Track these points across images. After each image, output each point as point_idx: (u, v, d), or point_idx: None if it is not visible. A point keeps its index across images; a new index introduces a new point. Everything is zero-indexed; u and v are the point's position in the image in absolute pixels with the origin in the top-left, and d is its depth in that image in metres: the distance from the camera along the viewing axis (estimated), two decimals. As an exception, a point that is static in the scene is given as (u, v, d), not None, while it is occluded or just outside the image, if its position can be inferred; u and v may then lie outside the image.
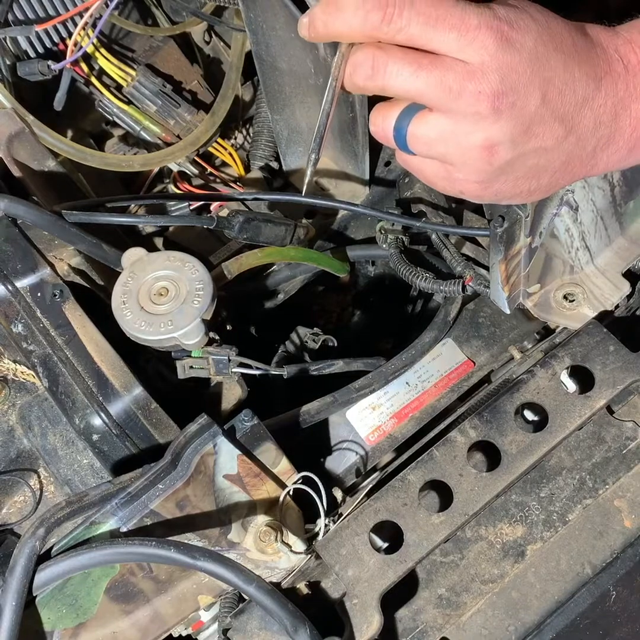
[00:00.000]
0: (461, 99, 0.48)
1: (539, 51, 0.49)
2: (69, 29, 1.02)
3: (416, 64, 0.48)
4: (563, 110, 0.50)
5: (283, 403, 0.80)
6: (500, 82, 0.48)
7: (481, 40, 0.47)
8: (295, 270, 0.89)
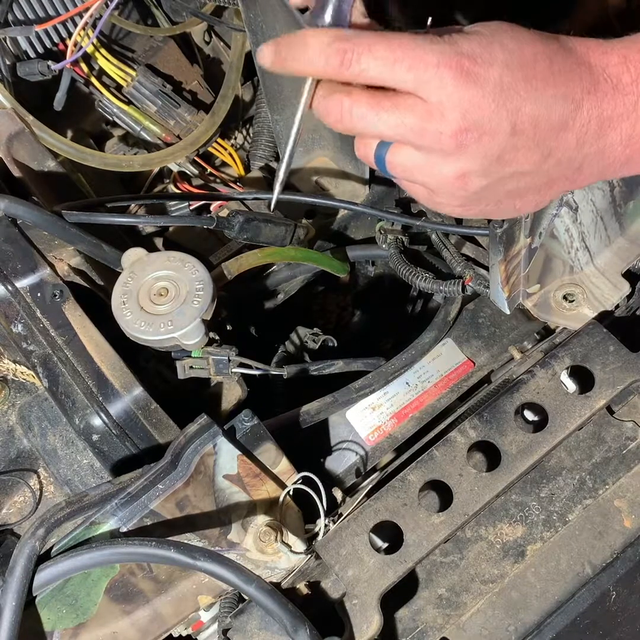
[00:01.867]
0: (424, 138, 0.49)
1: (504, 82, 0.48)
2: (69, 29, 1.02)
3: (378, 106, 0.49)
4: (538, 137, 0.50)
5: (283, 403, 0.80)
6: (462, 119, 0.48)
7: (439, 78, 0.47)
8: (295, 270, 0.89)
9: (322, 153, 1.03)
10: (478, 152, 0.49)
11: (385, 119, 0.49)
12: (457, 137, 0.48)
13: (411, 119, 0.49)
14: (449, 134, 0.48)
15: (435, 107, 0.48)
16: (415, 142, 0.50)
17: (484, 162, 0.50)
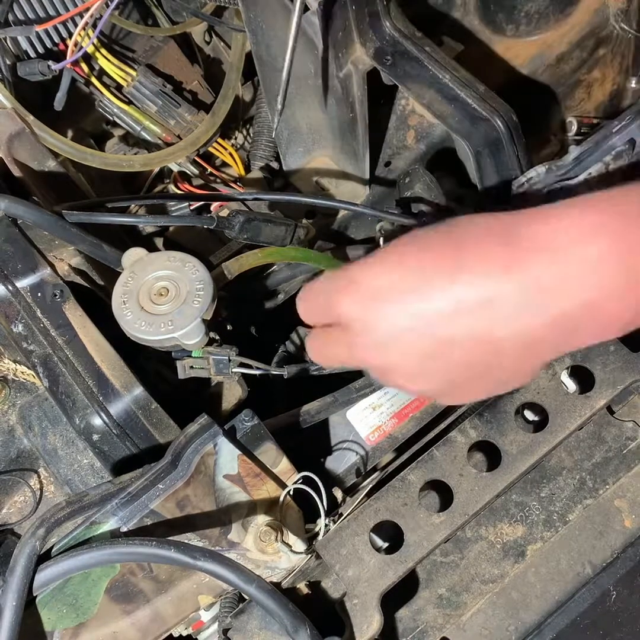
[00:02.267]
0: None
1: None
2: (69, 29, 1.02)
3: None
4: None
5: (283, 403, 0.80)
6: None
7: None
8: (295, 270, 0.89)
9: (322, 153, 1.03)
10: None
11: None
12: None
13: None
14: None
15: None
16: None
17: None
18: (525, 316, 0.47)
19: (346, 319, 0.52)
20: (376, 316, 0.50)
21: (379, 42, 0.85)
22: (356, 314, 0.51)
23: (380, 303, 0.49)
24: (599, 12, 1.06)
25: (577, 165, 0.68)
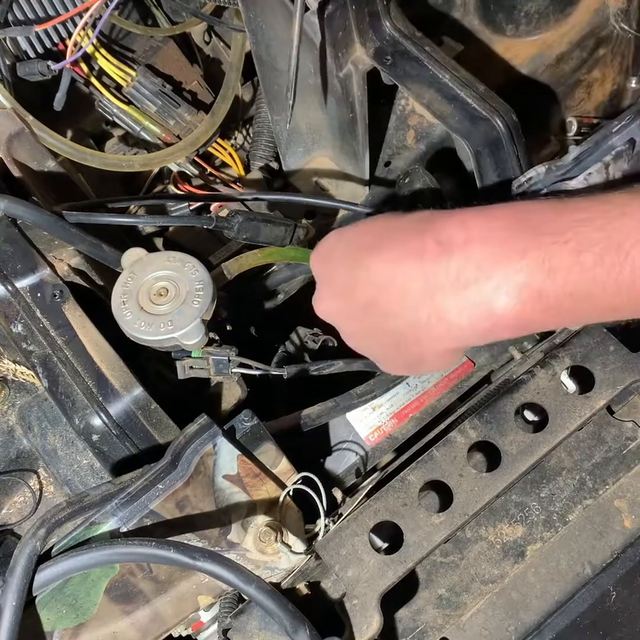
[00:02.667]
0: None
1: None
2: (69, 29, 1.02)
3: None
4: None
5: (283, 403, 0.80)
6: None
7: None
8: (295, 270, 0.89)
9: (322, 153, 1.03)
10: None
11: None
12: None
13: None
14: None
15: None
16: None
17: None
18: (415, 300, 0.53)
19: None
20: (321, 273, 0.62)
21: (379, 42, 0.85)
22: (314, 268, 0.63)
23: (323, 264, 0.62)
24: (599, 12, 1.06)
25: (577, 165, 0.68)
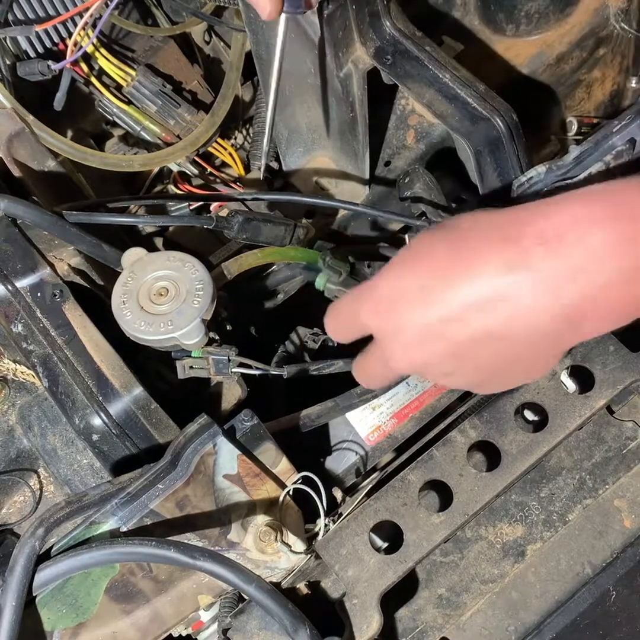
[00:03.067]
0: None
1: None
2: (69, 29, 1.02)
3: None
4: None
5: (283, 403, 0.80)
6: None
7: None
8: (295, 270, 0.89)
9: (322, 153, 1.03)
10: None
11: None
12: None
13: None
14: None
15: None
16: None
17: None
18: (535, 311, 0.47)
19: (370, 329, 0.54)
20: (391, 325, 0.52)
21: (379, 41, 0.85)
22: (374, 323, 0.53)
23: (393, 312, 0.51)
24: (599, 11, 1.06)
25: (578, 164, 0.68)
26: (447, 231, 0.52)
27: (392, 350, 0.54)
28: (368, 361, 0.59)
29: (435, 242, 0.51)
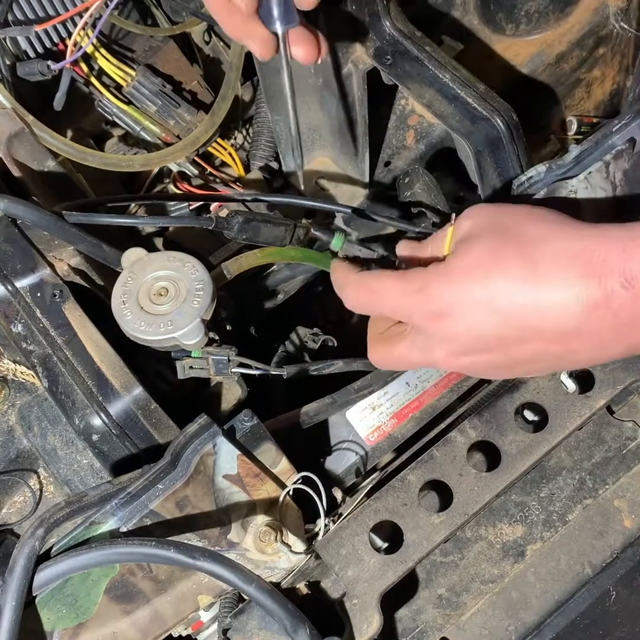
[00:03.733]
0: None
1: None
2: (69, 29, 1.02)
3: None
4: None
5: (283, 403, 0.80)
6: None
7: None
8: (295, 270, 0.89)
9: (322, 153, 1.03)
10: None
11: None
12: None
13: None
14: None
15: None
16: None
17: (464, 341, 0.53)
18: (607, 348, 0.49)
19: (413, 324, 0.55)
20: (449, 331, 0.52)
21: (379, 41, 0.85)
22: (428, 324, 0.53)
23: (455, 319, 0.51)
24: (598, 11, 1.06)
25: (578, 164, 0.68)
26: (512, 239, 0.50)
27: (437, 354, 0.54)
28: (397, 347, 0.58)
29: (504, 253, 0.50)
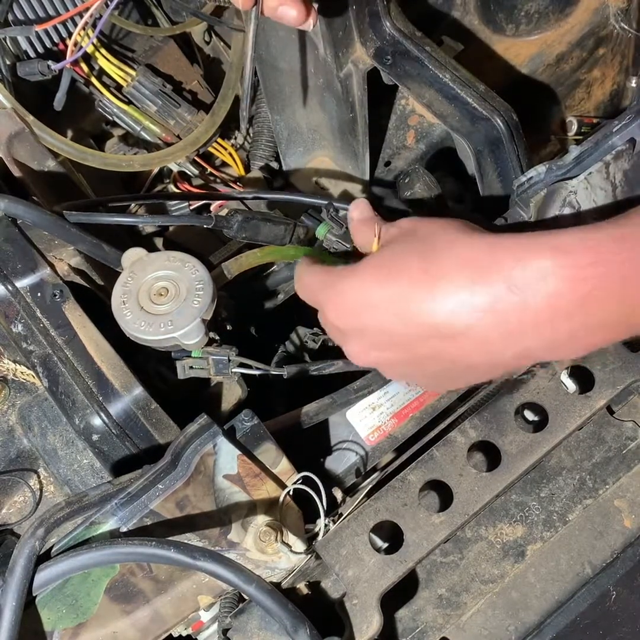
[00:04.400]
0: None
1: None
2: (69, 29, 1.02)
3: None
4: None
5: (283, 403, 0.80)
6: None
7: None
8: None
9: (322, 153, 1.03)
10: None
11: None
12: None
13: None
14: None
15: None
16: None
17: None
18: (492, 350, 0.50)
19: (332, 323, 0.58)
20: (352, 328, 0.56)
21: (379, 41, 0.85)
22: (337, 321, 0.57)
23: (357, 316, 0.54)
24: (598, 11, 1.06)
25: (578, 164, 0.68)
26: (420, 245, 0.53)
27: (349, 348, 0.58)
28: (326, 324, 0.61)
29: (408, 257, 0.52)
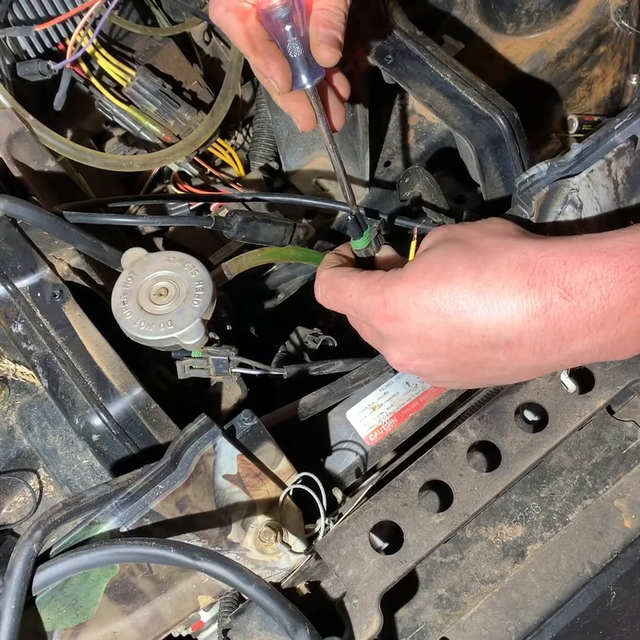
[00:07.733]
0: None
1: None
2: (69, 29, 1.02)
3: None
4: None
5: (283, 403, 0.80)
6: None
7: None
8: (295, 270, 0.89)
9: (322, 154, 1.03)
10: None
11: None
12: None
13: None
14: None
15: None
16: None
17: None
18: (543, 358, 0.52)
19: (375, 329, 0.58)
20: (399, 334, 0.55)
21: (379, 41, 0.85)
22: (383, 328, 0.57)
23: (405, 323, 0.54)
24: (599, 9, 1.06)
25: (579, 162, 0.68)
26: (465, 250, 0.53)
27: (391, 354, 0.58)
28: (365, 330, 0.61)
29: (455, 262, 0.53)
